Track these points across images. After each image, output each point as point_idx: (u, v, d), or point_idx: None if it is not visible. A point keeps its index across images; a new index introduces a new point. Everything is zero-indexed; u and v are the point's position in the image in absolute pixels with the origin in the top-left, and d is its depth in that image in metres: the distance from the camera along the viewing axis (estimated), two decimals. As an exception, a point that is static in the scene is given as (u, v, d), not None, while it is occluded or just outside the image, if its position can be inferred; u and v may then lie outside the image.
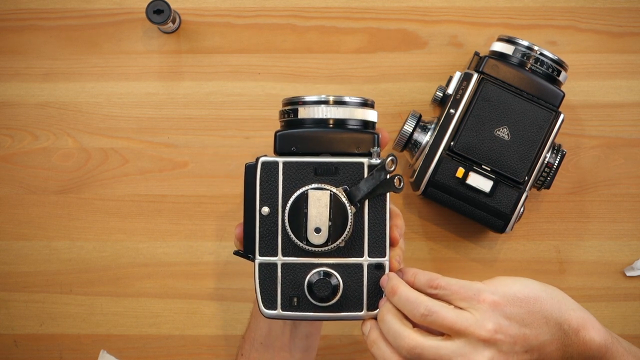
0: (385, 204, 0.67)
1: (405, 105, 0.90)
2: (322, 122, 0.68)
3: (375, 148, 0.67)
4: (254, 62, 0.91)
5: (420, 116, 0.85)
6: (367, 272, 0.67)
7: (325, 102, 0.68)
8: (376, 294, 0.67)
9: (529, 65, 0.83)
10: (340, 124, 0.68)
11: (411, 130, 0.84)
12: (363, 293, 0.67)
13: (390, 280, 0.67)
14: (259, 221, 0.67)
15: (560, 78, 0.83)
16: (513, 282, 0.67)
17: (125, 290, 0.90)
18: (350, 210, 0.65)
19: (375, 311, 0.67)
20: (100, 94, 0.91)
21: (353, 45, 0.91)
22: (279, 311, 0.68)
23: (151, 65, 0.91)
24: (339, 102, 0.68)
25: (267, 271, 0.68)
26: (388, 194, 0.67)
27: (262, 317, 0.77)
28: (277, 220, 0.67)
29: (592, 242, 0.90)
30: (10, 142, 0.91)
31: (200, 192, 0.90)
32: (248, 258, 0.69)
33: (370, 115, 0.70)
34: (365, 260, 0.67)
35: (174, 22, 0.89)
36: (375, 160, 0.66)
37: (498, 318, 0.64)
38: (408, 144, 0.84)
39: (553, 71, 0.83)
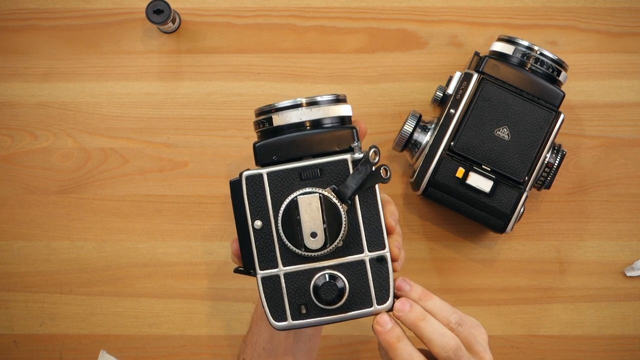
0: (376, 196, 0.67)
1: (405, 105, 0.90)
2: (298, 126, 0.67)
3: (356, 142, 0.66)
4: (254, 62, 0.91)
5: (420, 116, 0.85)
6: (370, 266, 0.67)
7: (299, 106, 0.67)
8: (383, 287, 0.67)
9: (529, 65, 0.83)
10: (317, 124, 0.67)
11: (411, 130, 0.84)
12: (370, 288, 0.67)
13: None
14: (254, 235, 0.67)
15: (561, 78, 0.83)
16: None
17: (125, 290, 0.90)
18: (342, 208, 0.65)
19: (386, 304, 0.67)
20: (100, 94, 0.91)
21: (353, 45, 0.91)
22: (289, 322, 0.67)
23: (151, 65, 0.91)
24: (312, 103, 0.67)
25: (270, 284, 0.67)
26: (377, 186, 0.67)
27: (265, 322, 0.76)
28: (272, 232, 0.66)
29: (592, 242, 0.90)
30: (10, 142, 0.91)
31: (200, 192, 0.90)
32: (249, 274, 0.68)
33: (345, 110, 0.69)
34: (366, 255, 0.67)
35: (173, 22, 0.89)
36: (358, 155, 0.66)
37: None
38: (408, 144, 0.84)
39: (553, 71, 0.83)
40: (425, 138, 0.84)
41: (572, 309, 0.89)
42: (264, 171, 0.66)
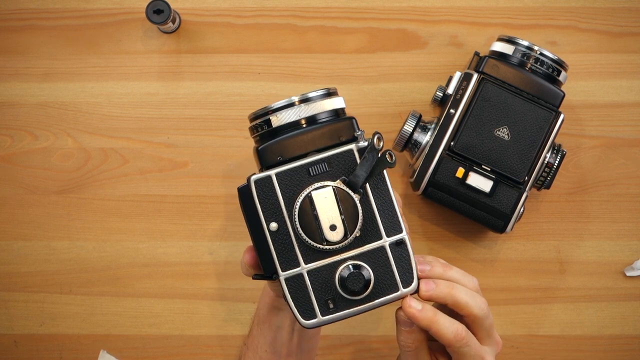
0: (386, 182, 0.67)
1: (405, 105, 0.90)
2: (296, 124, 0.67)
3: (359, 131, 0.67)
4: (254, 62, 0.91)
5: (420, 116, 0.85)
6: (391, 251, 0.67)
7: (294, 104, 0.68)
8: (406, 270, 0.67)
9: (529, 65, 0.83)
10: (314, 120, 0.68)
11: (411, 130, 0.84)
12: (394, 273, 0.66)
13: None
14: (271, 238, 0.66)
15: (560, 78, 0.84)
16: None
17: (125, 290, 0.90)
18: (356, 198, 0.65)
19: (411, 286, 0.67)
20: (100, 94, 0.91)
21: (353, 45, 0.91)
22: (319, 318, 0.66)
23: (151, 65, 0.91)
24: (307, 100, 0.68)
25: (295, 284, 0.66)
26: (385, 172, 0.67)
27: (267, 325, 0.76)
28: (288, 232, 0.66)
29: (592, 242, 0.90)
30: (10, 142, 0.91)
31: (200, 192, 0.90)
32: (270, 278, 0.67)
33: (338, 102, 0.69)
34: (385, 240, 0.67)
35: (173, 22, 0.89)
36: (364, 143, 0.66)
37: None
38: (408, 144, 0.84)
39: (553, 71, 0.83)
40: (425, 138, 0.84)
41: (572, 309, 0.89)
42: (272, 172, 0.66)
